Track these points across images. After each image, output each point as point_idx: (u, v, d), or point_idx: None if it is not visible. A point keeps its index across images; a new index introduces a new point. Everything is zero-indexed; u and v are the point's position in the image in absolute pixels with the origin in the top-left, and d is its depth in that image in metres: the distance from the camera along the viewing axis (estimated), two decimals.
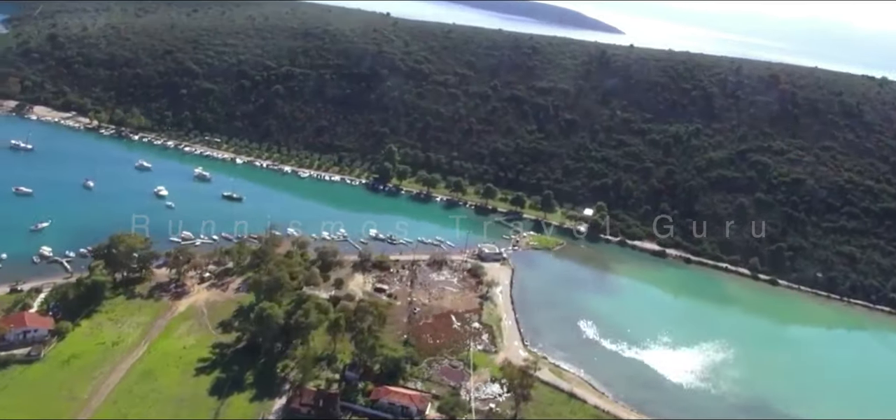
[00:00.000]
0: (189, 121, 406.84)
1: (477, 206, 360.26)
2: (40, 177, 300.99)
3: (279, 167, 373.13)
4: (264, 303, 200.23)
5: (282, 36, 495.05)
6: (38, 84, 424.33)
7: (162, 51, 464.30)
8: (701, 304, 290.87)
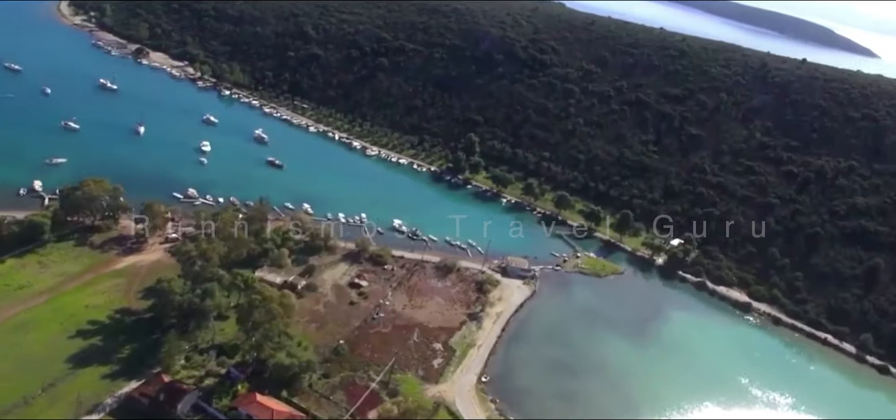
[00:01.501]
0: (285, 83, 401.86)
1: (546, 215, 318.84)
2: (97, 116, 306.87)
3: (349, 141, 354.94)
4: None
5: (410, 10, 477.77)
6: (166, 32, 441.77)
7: (289, 12, 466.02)
8: (770, 385, 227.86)
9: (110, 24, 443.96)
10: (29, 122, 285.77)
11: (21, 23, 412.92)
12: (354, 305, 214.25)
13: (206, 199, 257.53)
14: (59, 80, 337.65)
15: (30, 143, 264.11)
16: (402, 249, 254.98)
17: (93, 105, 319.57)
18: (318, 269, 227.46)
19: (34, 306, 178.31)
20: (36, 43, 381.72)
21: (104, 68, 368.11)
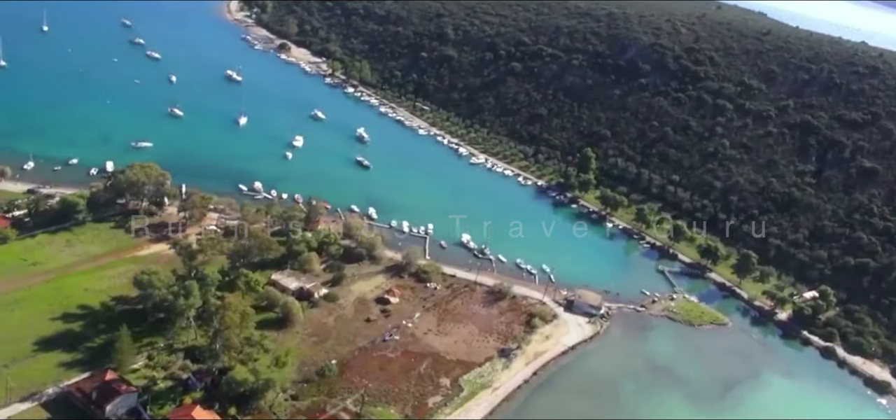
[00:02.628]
0: (411, 84, 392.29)
1: (655, 245, 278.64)
2: (207, 105, 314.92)
3: (457, 147, 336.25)
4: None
5: (560, 13, 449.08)
6: (314, 29, 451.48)
7: (435, 12, 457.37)
8: None
9: (267, 21, 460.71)
10: (140, 107, 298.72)
11: (184, 15, 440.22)
12: (371, 323, 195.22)
13: (270, 195, 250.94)
14: (190, 70, 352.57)
15: (129, 125, 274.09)
16: (458, 267, 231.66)
17: (211, 94, 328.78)
18: (349, 279, 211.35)
19: (36, 284, 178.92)
20: (186, 34, 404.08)
21: (240, 61, 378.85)
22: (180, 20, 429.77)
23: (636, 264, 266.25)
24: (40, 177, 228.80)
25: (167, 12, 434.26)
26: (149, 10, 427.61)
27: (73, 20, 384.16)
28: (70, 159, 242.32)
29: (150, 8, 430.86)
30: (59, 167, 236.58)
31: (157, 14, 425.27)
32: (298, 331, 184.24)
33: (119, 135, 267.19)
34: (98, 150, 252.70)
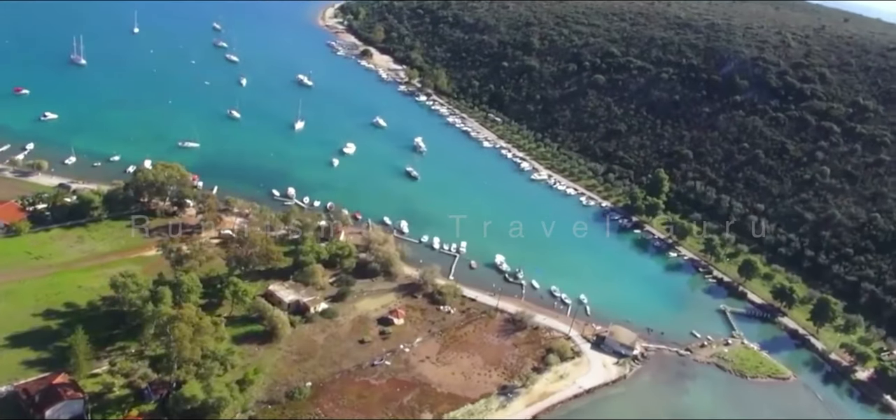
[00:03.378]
0: (487, 94, 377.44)
1: (722, 281, 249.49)
2: (268, 108, 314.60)
3: (520, 160, 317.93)
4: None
5: (658, 24, 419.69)
6: (400, 36, 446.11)
7: (524, 21, 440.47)
8: None
9: (356, 27, 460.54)
10: (201, 108, 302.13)
11: (276, 20, 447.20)
12: (364, 344, 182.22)
13: (301, 202, 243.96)
14: (263, 73, 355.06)
15: (183, 126, 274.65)
16: (482, 290, 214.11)
17: (276, 98, 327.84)
18: (355, 295, 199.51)
19: (31, 277, 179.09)
20: (271, 39, 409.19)
21: (316, 66, 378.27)
22: (270, 25, 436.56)
23: (694, 301, 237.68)
24: (78, 172, 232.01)
25: (260, 17, 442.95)
26: (243, 14, 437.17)
27: (166, 23, 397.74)
28: (112, 156, 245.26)
29: (244, 12, 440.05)
30: (99, 163, 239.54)
31: (249, 18, 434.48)
32: (281, 347, 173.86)
33: (171, 134, 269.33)
34: (143, 148, 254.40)
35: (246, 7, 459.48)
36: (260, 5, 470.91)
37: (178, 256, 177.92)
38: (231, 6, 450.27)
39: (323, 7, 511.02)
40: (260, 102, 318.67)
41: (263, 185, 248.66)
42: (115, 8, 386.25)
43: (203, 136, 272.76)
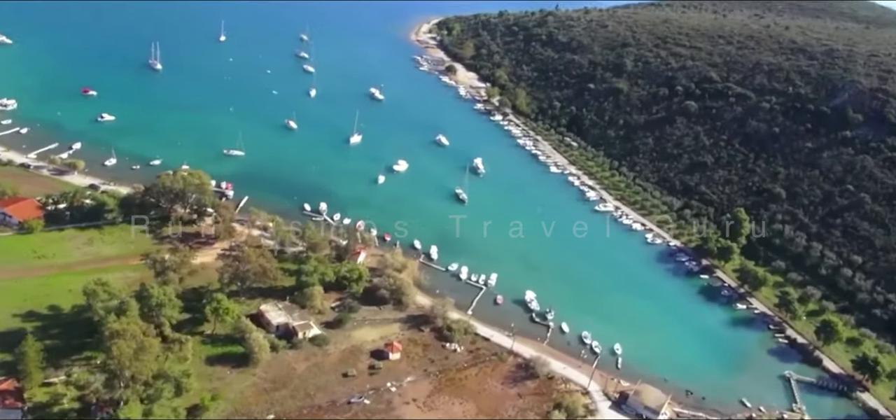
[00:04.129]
0: (567, 116, 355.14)
1: (796, 343, 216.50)
2: (330, 120, 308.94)
3: (586, 189, 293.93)
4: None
5: (768, 48, 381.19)
6: (489, 53, 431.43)
7: (620, 42, 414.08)
8: None
9: (447, 43, 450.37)
10: (260, 117, 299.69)
11: (366, 33, 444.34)
12: (347, 378, 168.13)
13: (331, 218, 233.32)
14: (335, 85, 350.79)
15: (235, 134, 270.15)
16: (501, 329, 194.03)
17: (340, 109, 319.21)
18: (355, 323, 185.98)
19: (27, 276, 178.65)
20: (355, 51, 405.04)
21: (394, 80, 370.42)
22: (359, 38, 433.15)
23: (755, 363, 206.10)
24: (116, 174, 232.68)
25: (350, 30, 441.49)
26: (333, 26, 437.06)
27: (254, 32, 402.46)
28: (153, 160, 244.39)
29: (335, 25, 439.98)
30: (138, 166, 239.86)
31: (339, 31, 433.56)
32: (255, 373, 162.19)
33: (220, 142, 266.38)
34: (188, 153, 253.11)
35: (339, 20, 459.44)
36: (354, 19, 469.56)
37: (162, 267, 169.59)
38: (324, 18, 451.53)
39: (420, 22, 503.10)
40: (323, 114, 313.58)
41: (297, 199, 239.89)
42: (208, 16, 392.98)
43: (251, 145, 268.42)
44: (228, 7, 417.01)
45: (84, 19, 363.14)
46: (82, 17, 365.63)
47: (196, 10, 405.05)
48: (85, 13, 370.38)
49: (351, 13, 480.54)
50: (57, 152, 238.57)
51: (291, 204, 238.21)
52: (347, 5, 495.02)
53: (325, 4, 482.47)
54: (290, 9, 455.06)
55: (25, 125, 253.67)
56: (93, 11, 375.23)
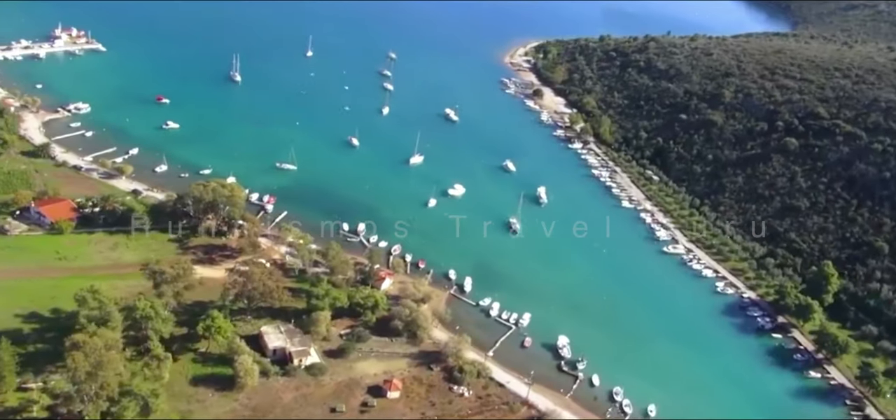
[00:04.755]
0: (651, 147, 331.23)
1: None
2: (392, 138, 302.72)
3: (658, 227, 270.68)
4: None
5: (888, 84, 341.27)
6: (582, 79, 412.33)
7: (722, 72, 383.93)
8: None
9: (540, 67, 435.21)
10: (324, 132, 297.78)
11: (457, 54, 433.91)
12: (335, 413, 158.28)
13: (367, 241, 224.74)
14: (410, 104, 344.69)
15: (295, 148, 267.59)
16: (519, 375, 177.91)
17: (407, 129, 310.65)
18: (359, 354, 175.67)
19: (42, 277, 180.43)
20: (440, 70, 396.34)
21: (475, 101, 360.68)
22: (448, 58, 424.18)
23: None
24: (164, 181, 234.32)
25: (442, 49, 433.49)
26: (424, 45, 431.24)
27: (343, 49, 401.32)
28: (203, 169, 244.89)
29: (426, 44, 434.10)
30: (186, 174, 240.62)
31: (428, 50, 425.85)
32: (238, 399, 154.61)
33: (277, 155, 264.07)
34: (239, 165, 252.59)
35: (434, 39, 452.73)
36: (450, 39, 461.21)
37: (159, 278, 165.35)
38: (419, 37, 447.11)
39: (518, 44, 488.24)
40: (389, 133, 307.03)
41: (338, 218, 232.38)
42: (300, 31, 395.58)
43: (307, 160, 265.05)
44: (321, 24, 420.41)
45: (180, 31, 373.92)
46: (178, 28, 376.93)
47: (289, 26, 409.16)
48: (182, 25, 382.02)
49: (448, 33, 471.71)
50: (112, 156, 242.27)
51: (330, 222, 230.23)
52: (446, 25, 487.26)
53: (423, 24, 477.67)
54: (385, 26, 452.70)
55: (92, 129, 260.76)
56: (190, 24, 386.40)
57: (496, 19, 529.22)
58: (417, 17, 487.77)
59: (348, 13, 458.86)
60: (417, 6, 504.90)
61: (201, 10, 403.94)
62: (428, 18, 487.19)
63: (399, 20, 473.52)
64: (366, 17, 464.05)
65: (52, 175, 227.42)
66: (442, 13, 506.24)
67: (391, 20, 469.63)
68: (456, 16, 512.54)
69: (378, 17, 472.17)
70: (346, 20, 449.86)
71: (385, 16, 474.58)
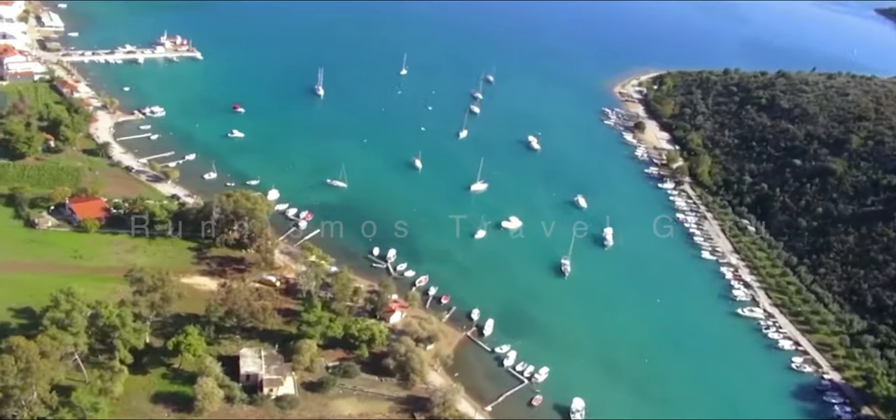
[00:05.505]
0: (754, 194, 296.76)
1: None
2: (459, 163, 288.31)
3: (738, 285, 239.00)
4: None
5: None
6: (692, 113, 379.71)
7: (855, 115, 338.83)
8: None
9: (649, 99, 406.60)
10: (389, 152, 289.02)
11: (559, 78, 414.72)
12: None
13: (394, 269, 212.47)
14: (492, 128, 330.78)
15: (353, 165, 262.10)
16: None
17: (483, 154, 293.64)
18: (339, 390, 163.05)
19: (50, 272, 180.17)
20: (536, 96, 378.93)
21: (565, 131, 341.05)
22: (552, 83, 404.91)
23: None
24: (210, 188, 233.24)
25: (545, 74, 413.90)
26: (525, 69, 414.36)
27: (440, 69, 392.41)
28: (251, 180, 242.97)
29: (529, 69, 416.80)
30: (232, 184, 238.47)
31: (530, 74, 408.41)
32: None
33: (329, 171, 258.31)
34: (290, 178, 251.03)
35: (544, 65, 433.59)
36: (561, 64, 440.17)
37: (141, 285, 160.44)
38: (530, 61, 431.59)
39: (633, 74, 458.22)
40: (458, 157, 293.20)
41: (373, 241, 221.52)
42: (399, 49, 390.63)
43: (361, 178, 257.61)
44: (425, 42, 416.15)
45: (280, 43, 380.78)
46: (279, 41, 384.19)
47: (391, 43, 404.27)
48: (283, 38, 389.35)
49: (562, 56, 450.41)
50: (168, 160, 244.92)
51: (364, 245, 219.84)
52: (562, 49, 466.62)
53: (536, 47, 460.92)
54: (494, 46, 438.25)
55: (159, 132, 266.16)
56: (291, 37, 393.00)
57: (622, 45, 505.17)
58: (533, 39, 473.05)
59: (458, 33, 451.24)
60: (539, 27, 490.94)
61: (307, 25, 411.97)
62: (544, 41, 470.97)
63: (510, 40, 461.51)
64: (476, 38, 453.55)
65: (102, 174, 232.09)
66: (563, 35, 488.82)
67: (502, 40, 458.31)
68: (578, 38, 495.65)
69: (489, 37, 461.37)
70: (455, 40, 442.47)
71: (496, 36, 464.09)
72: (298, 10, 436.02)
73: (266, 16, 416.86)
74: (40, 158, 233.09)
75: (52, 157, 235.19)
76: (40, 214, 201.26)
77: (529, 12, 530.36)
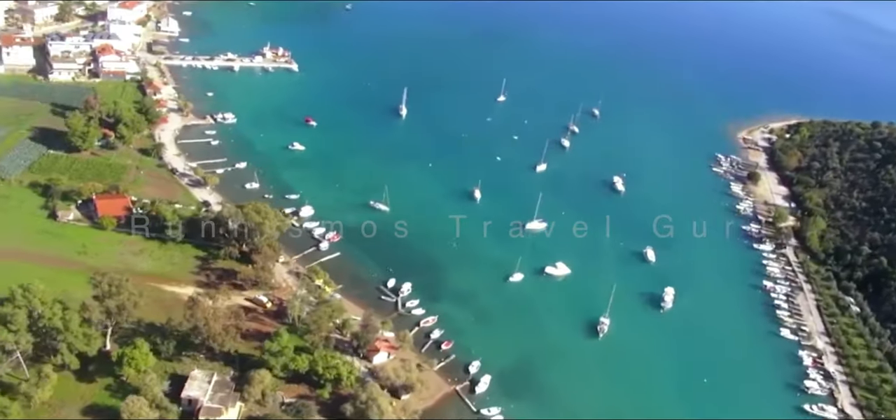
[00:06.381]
0: (867, 267, 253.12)
1: None
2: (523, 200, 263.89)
3: (816, 377, 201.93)
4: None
5: None
6: (821, 168, 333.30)
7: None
8: None
9: (775, 148, 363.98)
10: (451, 180, 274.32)
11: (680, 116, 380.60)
12: None
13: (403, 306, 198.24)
14: (578, 164, 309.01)
15: (408, 191, 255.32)
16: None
17: (555, 192, 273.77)
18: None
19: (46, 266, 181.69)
20: (643, 133, 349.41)
21: (665, 175, 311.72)
22: (662, 123, 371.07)
23: None
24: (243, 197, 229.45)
25: (660, 112, 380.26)
26: (644, 104, 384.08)
27: (542, 98, 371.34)
28: (291, 194, 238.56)
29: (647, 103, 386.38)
30: (271, 196, 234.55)
31: (646, 110, 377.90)
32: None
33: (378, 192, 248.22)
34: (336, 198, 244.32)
35: (660, 99, 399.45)
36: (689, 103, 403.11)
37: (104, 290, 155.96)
38: (640, 94, 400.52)
39: (768, 119, 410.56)
40: (527, 192, 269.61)
41: (393, 272, 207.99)
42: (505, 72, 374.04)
43: (407, 203, 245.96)
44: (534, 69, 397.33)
45: (378, 60, 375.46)
46: (378, 57, 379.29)
47: (496, 67, 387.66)
48: (383, 55, 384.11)
49: (686, 96, 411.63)
50: (217, 166, 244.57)
51: (382, 274, 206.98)
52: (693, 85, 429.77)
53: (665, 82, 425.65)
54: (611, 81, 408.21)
55: (221, 139, 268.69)
56: (390, 54, 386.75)
57: (762, 85, 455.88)
58: (660, 75, 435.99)
59: (574, 61, 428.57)
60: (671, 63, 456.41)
61: (417, 44, 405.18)
62: (672, 77, 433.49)
63: (630, 73, 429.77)
64: (592, 67, 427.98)
65: (148, 173, 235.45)
66: (697, 72, 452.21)
67: (621, 73, 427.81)
68: (713, 74, 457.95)
69: (607, 68, 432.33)
70: (568, 68, 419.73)
71: (615, 67, 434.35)
72: (415, 29, 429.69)
73: (378, 32, 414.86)
74: (96, 153, 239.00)
75: (106, 153, 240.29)
76: (67, 207, 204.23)
77: (663, 48, 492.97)
